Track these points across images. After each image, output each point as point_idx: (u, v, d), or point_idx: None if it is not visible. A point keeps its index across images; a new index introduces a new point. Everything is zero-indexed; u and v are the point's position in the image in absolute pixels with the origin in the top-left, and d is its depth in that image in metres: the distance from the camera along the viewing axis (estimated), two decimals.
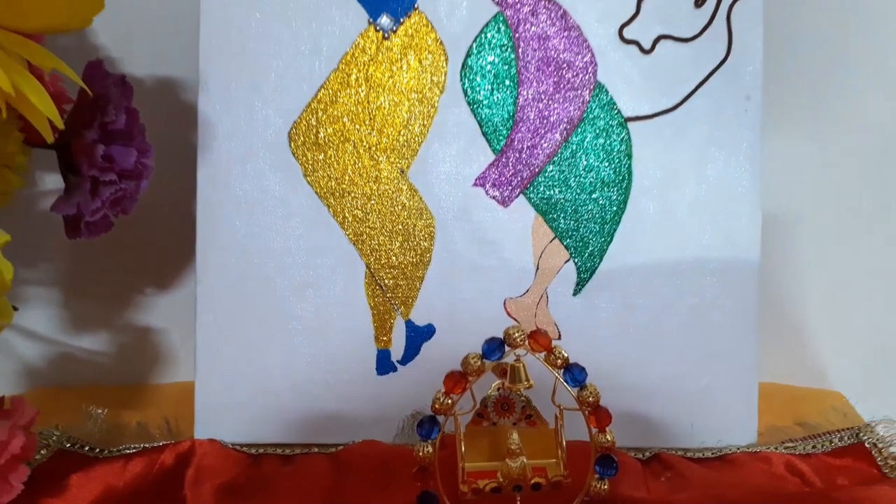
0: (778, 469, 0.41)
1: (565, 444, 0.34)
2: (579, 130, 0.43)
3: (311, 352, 0.43)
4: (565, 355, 0.32)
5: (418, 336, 0.44)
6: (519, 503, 0.34)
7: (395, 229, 0.43)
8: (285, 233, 0.43)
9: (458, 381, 0.32)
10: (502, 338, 0.32)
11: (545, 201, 0.43)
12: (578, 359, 0.33)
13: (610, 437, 0.33)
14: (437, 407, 0.32)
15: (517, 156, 0.43)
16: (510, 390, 0.34)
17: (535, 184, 0.43)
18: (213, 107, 0.42)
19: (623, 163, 0.43)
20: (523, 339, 0.32)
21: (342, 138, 0.43)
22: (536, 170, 0.43)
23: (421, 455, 0.32)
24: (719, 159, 0.43)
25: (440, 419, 0.32)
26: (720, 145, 0.43)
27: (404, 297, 0.44)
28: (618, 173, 0.43)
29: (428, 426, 0.32)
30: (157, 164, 0.40)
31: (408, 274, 0.43)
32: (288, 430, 0.43)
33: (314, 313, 0.43)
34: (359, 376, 0.43)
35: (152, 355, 0.51)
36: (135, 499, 0.38)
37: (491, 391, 0.34)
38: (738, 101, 0.43)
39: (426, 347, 0.44)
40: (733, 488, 0.39)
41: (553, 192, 0.43)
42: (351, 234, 0.43)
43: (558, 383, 0.33)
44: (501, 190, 0.43)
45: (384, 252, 0.43)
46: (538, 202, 0.44)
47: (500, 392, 0.34)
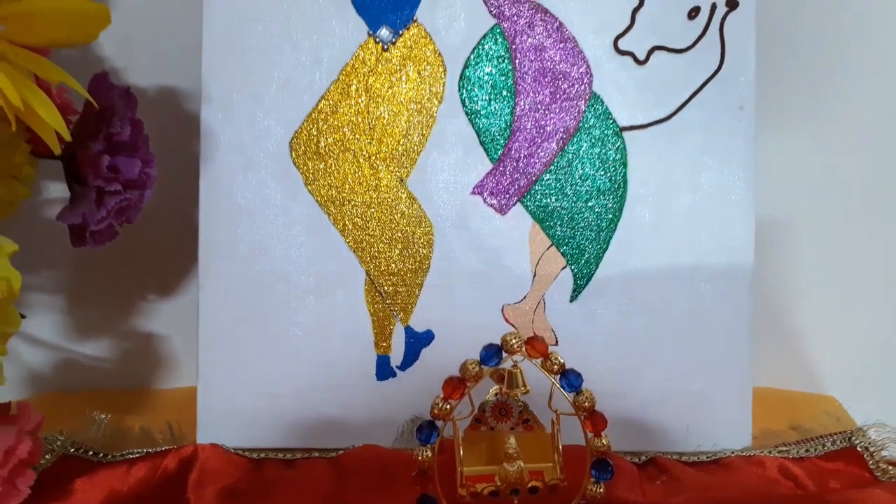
0: (772, 472, 0.41)
1: (562, 448, 0.35)
2: (575, 140, 0.44)
3: (312, 357, 0.43)
4: (561, 361, 0.33)
5: (417, 342, 0.44)
6: None
7: (394, 237, 0.44)
8: (286, 240, 0.43)
9: (456, 387, 0.32)
10: (500, 344, 0.33)
11: (542, 209, 0.44)
12: (575, 364, 0.33)
13: (605, 442, 0.33)
14: (436, 412, 0.32)
15: (514, 165, 0.44)
16: (508, 396, 0.34)
17: (532, 192, 0.44)
18: (216, 117, 0.43)
19: (618, 171, 0.44)
20: (520, 345, 0.32)
21: (342, 148, 0.43)
22: (533, 178, 0.44)
23: (420, 459, 0.33)
24: (713, 167, 0.44)
25: (439, 424, 0.33)
26: (714, 154, 0.44)
27: (404, 303, 0.44)
28: (613, 182, 0.44)
29: (427, 431, 0.33)
30: (159, 173, 0.40)
31: (407, 281, 0.44)
32: (289, 435, 0.43)
33: (315, 319, 0.43)
34: (359, 382, 0.44)
35: (155, 361, 0.52)
36: (139, 503, 0.38)
37: (489, 396, 0.34)
38: (732, 111, 0.44)
39: (425, 353, 0.44)
40: (728, 491, 0.40)
41: (550, 201, 0.44)
42: (351, 241, 0.44)
43: (555, 389, 0.33)
44: (499, 198, 0.44)
45: (384, 259, 0.44)
46: (535, 210, 0.44)
47: (498, 397, 0.34)
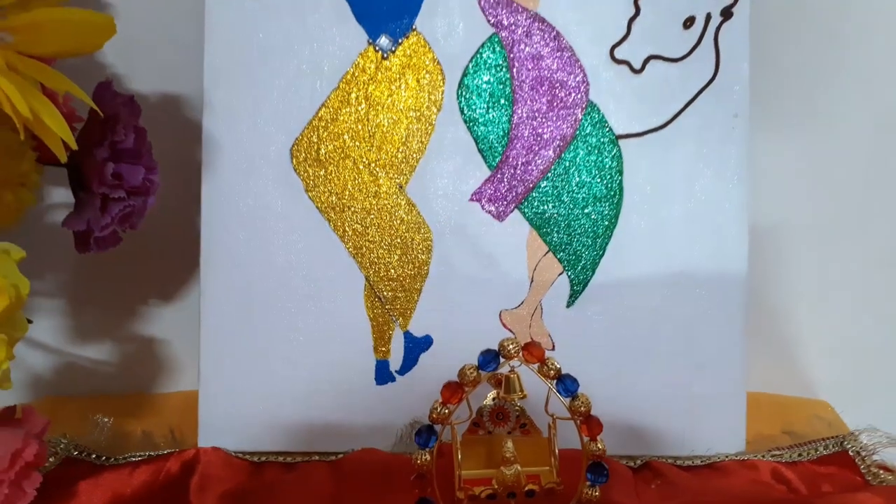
0: (765, 476, 0.42)
1: (558, 452, 0.35)
2: (572, 147, 0.44)
3: (312, 362, 0.44)
4: (558, 366, 0.33)
5: (416, 347, 0.44)
6: None
7: (393, 243, 0.44)
8: (287, 246, 0.44)
9: (454, 392, 0.33)
10: (497, 350, 0.33)
11: (539, 216, 0.45)
12: (571, 369, 0.34)
13: (601, 446, 0.33)
14: (435, 416, 0.33)
15: (512, 172, 0.44)
16: (505, 400, 0.34)
17: (530, 199, 0.45)
18: (217, 124, 0.43)
19: (614, 179, 0.45)
20: (517, 350, 0.33)
21: (342, 155, 0.44)
22: (531, 185, 0.45)
23: (419, 463, 0.33)
24: (708, 175, 0.44)
25: (437, 428, 0.33)
26: (708, 162, 0.44)
27: (403, 308, 0.45)
28: (609, 189, 0.45)
29: (426, 435, 0.33)
30: (161, 179, 0.41)
31: (406, 286, 0.44)
32: (289, 439, 0.43)
33: (315, 324, 0.44)
34: (358, 386, 0.44)
35: (156, 365, 0.52)
36: None
37: (486, 401, 0.35)
38: (726, 119, 0.44)
39: (424, 358, 0.44)
40: (721, 495, 0.40)
41: (547, 207, 0.45)
42: (351, 247, 0.44)
43: (551, 393, 0.33)
44: (497, 205, 0.45)
45: (383, 265, 0.44)
46: (532, 217, 0.45)
47: (496, 402, 0.35)
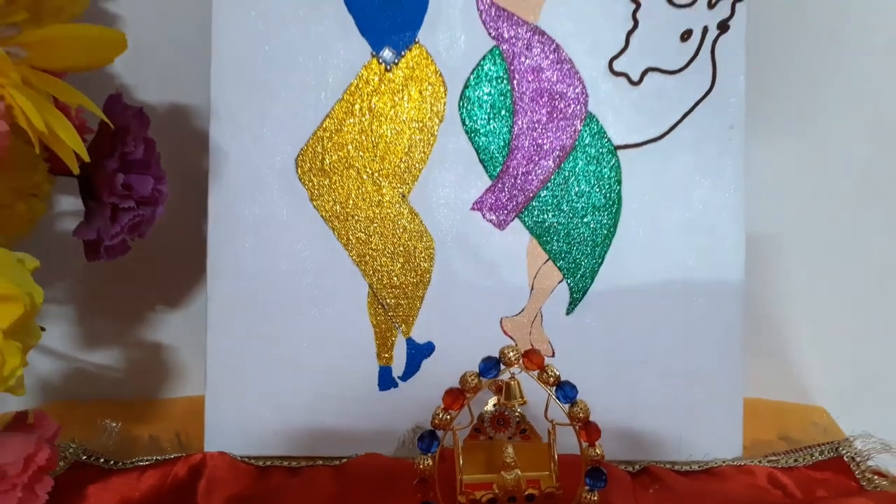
0: (761, 481, 0.42)
1: (557, 457, 0.35)
2: (571, 158, 0.45)
3: (316, 368, 0.44)
4: (557, 373, 0.33)
5: (418, 353, 0.45)
6: None
7: (396, 251, 0.45)
8: (292, 254, 0.44)
9: (456, 398, 0.33)
10: (498, 357, 0.33)
11: (539, 225, 0.45)
12: (571, 375, 0.34)
13: (599, 451, 0.34)
14: (437, 422, 0.33)
15: (512, 181, 0.45)
16: (505, 406, 0.35)
17: (530, 208, 0.45)
18: (224, 134, 0.44)
19: (613, 188, 0.45)
20: (517, 358, 0.33)
21: (346, 165, 0.45)
22: (531, 195, 0.45)
23: (421, 467, 0.33)
24: (704, 185, 0.45)
25: (439, 433, 0.33)
26: (705, 172, 0.45)
27: (405, 315, 0.45)
28: (608, 198, 0.45)
29: (428, 440, 0.33)
30: (169, 189, 0.41)
31: (409, 294, 0.45)
32: (294, 443, 0.44)
33: (319, 331, 0.44)
34: (361, 392, 0.44)
35: (163, 371, 0.52)
36: None
37: (487, 407, 0.35)
38: (723, 130, 0.45)
39: (426, 364, 0.45)
40: (718, 500, 0.41)
41: (547, 216, 0.45)
42: (354, 255, 0.45)
43: (551, 400, 0.34)
44: (498, 214, 0.45)
45: (386, 273, 0.45)
46: (532, 225, 0.45)
47: (496, 408, 0.35)
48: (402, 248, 0.45)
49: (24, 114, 0.29)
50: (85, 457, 0.43)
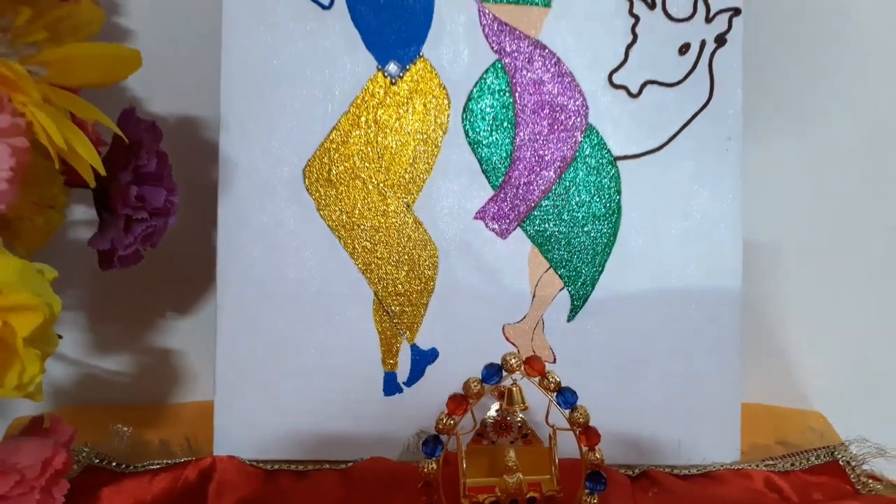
0: (758, 485, 0.43)
1: (558, 461, 0.36)
2: (572, 168, 0.46)
3: (323, 374, 0.45)
4: (557, 379, 0.34)
5: (423, 359, 0.46)
6: None
7: (401, 259, 0.46)
8: (299, 262, 0.45)
9: (459, 403, 0.34)
10: (500, 363, 0.34)
11: (541, 234, 0.46)
12: (571, 381, 0.35)
13: (599, 455, 0.34)
14: (441, 427, 0.34)
15: (514, 191, 0.46)
16: (508, 412, 0.35)
17: (532, 217, 0.46)
18: (233, 146, 0.44)
19: (613, 198, 0.46)
20: (519, 364, 0.34)
21: (352, 175, 0.45)
22: (532, 204, 0.46)
23: (426, 471, 0.34)
24: (702, 195, 0.46)
25: (443, 438, 0.34)
26: (703, 182, 0.46)
27: (410, 322, 0.46)
28: (608, 208, 0.46)
29: (432, 444, 0.34)
30: (180, 198, 0.42)
31: (413, 301, 0.46)
32: (301, 448, 0.44)
33: (325, 338, 0.45)
34: (367, 397, 0.45)
35: (172, 376, 0.53)
36: None
37: (490, 412, 0.36)
38: (720, 141, 0.46)
39: (430, 370, 0.45)
40: (716, 503, 0.41)
41: (548, 226, 0.46)
42: (360, 263, 0.46)
43: (552, 405, 0.35)
44: (500, 223, 0.46)
45: (391, 280, 0.46)
46: (534, 234, 0.46)
47: (499, 413, 0.36)
48: (406, 257, 0.46)
49: (44, 130, 0.30)
50: (97, 460, 0.43)
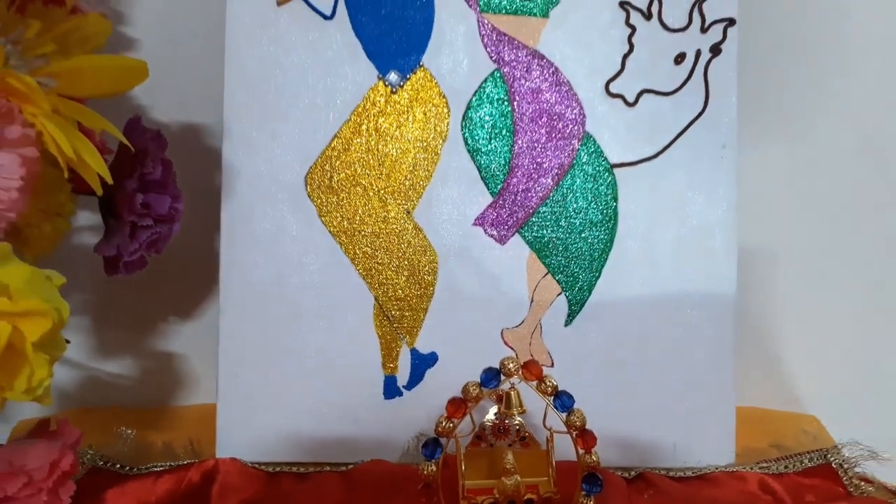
0: (752, 487, 0.43)
1: (555, 463, 0.37)
2: (569, 175, 0.46)
3: (324, 377, 0.45)
4: (555, 383, 0.35)
5: (422, 363, 0.46)
6: None
7: (401, 265, 0.46)
8: (301, 268, 0.45)
9: (458, 407, 0.34)
10: (498, 368, 0.34)
11: (538, 240, 0.47)
12: (568, 385, 0.35)
13: (595, 458, 0.35)
14: (440, 430, 0.34)
15: (513, 198, 0.46)
16: (506, 415, 0.36)
17: (530, 224, 0.47)
18: (236, 153, 0.45)
19: (609, 205, 0.47)
20: (517, 368, 0.34)
21: (353, 182, 0.46)
22: (530, 211, 0.47)
23: (425, 473, 0.35)
24: (698, 202, 0.46)
25: (443, 441, 0.35)
26: (699, 189, 0.46)
27: (410, 327, 0.46)
28: (605, 215, 0.47)
29: (432, 447, 0.35)
30: (184, 205, 0.42)
31: (413, 306, 0.46)
32: (302, 450, 0.45)
33: (326, 342, 0.45)
34: (367, 401, 0.45)
35: (175, 379, 0.53)
36: None
37: (488, 416, 0.36)
38: (715, 149, 0.46)
39: (430, 374, 0.46)
40: None
41: (546, 232, 0.47)
42: (361, 269, 0.46)
43: (549, 409, 0.35)
44: (499, 229, 0.47)
45: (391, 286, 0.46)
46: (532, 240, 0.47)
47: (497, 417, 0.36)
48: (406, 262, 0.46)
49: (54, 141, 0.31)
50: (102, 462, 0.44)
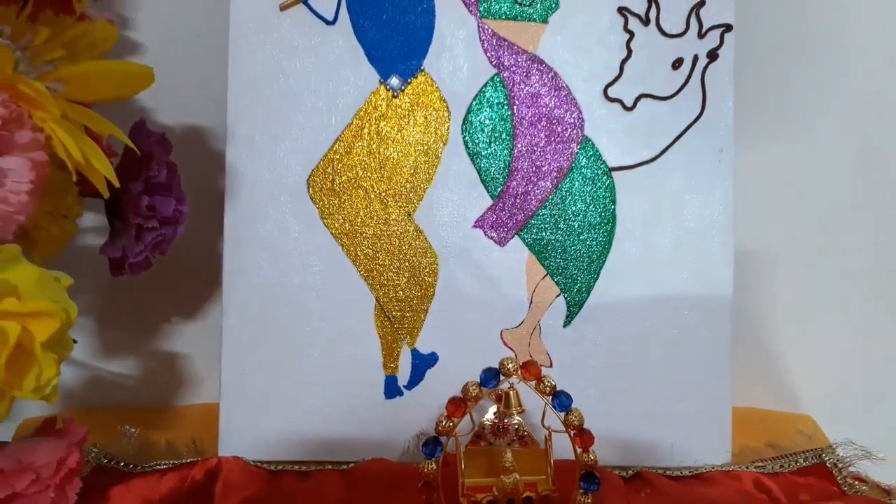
0: (748, 486, 0.44)
1: (554, 462, 0.37)
2: (568, 179, 0.47)
3: (325, 377, 0.46)
4: (553, 384, 0.35)
5: (423, 363, 0.46)
6: None
7: (402, 266, 0.47)
8: (303, 269, 0.46)
9: (458, 406, 0.35)
10: (498, 368, 0.35)
11: (538, 242, 0.47)
12: (567, 384, 0.35)
13: (593, 456, 0.35)
14: (440, 429, 0.35)
15: (512, 201, 0.47)
16: (505, 414, 0.36)
17: (529, 226, 0.47)
18: (240, 156, 0.45)
19: (608, 208, 0.47)
20: (516, 368, 0.35)
21: (355, 185, 0.46)
22: (530, 214, 0.47)
23: (426, 471, 0.35)
24: (695, 205, 0.47)
25: (443, 440, 0.35)
26: (696, 192, 0.47)
27: (410, 327, 0.47)
28: (603, 217, 0.47)
29: (432, 446, 0.35)
30: (188, 207, 0.43)
31: (414, 307, 0.47)
32: (304, 449, 0.45)
33: (328, 342, 0.46)
34: (368, 400, 0.46)
35: (178, 379, 0.53)
36: None
37: (488, 415, 0.37)
38: (712, 153, 0.47)
39: (430, 374, 0.46)
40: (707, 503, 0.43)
41: (545, 234, 0.47)
42: (362, 270, 0.47)
43: (547, 408, 0.35)
44: (498, 231, 0.47)
45: (392, 287, 0.47)
46: (531, 242, 0.47)
47: (496, 416, 0.37)
48: (407, 264, 0.47)
49: (63, 145, 0.31)
50: (106, 460, 0.44)
